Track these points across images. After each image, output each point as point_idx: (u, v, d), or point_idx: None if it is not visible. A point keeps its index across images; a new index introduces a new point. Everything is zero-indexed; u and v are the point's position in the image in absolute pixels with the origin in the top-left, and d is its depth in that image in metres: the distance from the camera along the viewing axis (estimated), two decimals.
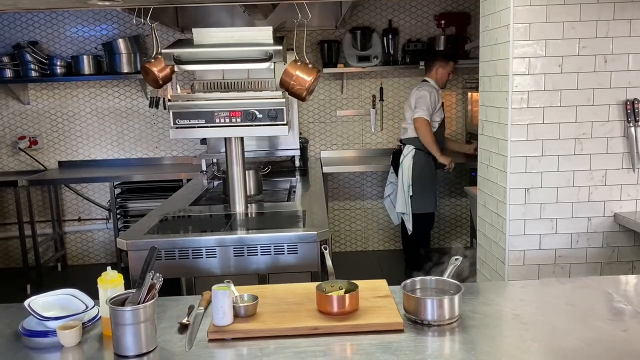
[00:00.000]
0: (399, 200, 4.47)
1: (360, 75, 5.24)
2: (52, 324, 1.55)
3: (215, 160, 4.46)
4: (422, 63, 4.87)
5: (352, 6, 4.43)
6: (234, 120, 2.69)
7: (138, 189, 5.02)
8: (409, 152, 4.40)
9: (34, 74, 4.92)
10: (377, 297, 1.71)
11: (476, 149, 4.12)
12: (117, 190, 5.00)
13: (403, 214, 4.49)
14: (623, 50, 2.63)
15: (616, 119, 2.68)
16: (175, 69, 2.72)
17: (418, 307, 1.57)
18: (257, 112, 2.67)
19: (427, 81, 4.48)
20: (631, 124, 2.67)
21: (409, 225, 4.48)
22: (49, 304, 1.64)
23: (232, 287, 1.63)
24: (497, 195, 2.86)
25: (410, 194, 4.36)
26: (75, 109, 5.25)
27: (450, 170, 4.50)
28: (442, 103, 4.51)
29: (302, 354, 1.42)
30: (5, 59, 4.92)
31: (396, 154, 4.57)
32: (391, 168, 4.67)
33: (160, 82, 2.96)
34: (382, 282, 1.83)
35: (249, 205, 3.05)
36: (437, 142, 4.40)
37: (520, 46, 2.61)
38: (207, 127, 2.70)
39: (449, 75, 4.53)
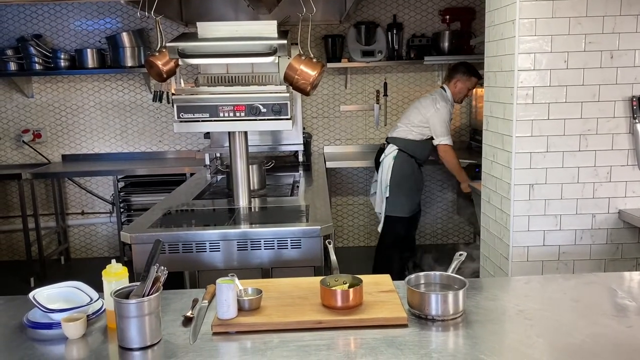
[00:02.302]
0: (377, 200, 4.28)
1: (364, 70, 5.22)
2: (56, 316, 1.55)
3: (218, 155, 4.46)
4: (426, 58, 4.86)
5: (356, 1, 4.42)
6: (237, 114, 2.68)
7: (141, 182, 5.03)
8: (390, 152, 4.17)
9: (37, 67, 4.92)
10: (381, 291, 1.71)
11: (468, 186, 4.07)
12: (121, 184, 5.00)
13: (379, 214, 4.28)
14: (629, 46, 2.61)
15: (622, 115, 2.67)
16: (180, 62, 2.72)
17: (422, 302, 1.57)
18: (261, 107, 2.67)
19: (444, 90, 4.20)
20: (637, 121, 2.65)
21: (379, 227, 4.28)
22: (54, 296, 1.65)
23: (237, 280, 1.63)
24: (501, 191, 2.85)
25: (387, 195, 4.13)
26: (79, 102, 5.26)
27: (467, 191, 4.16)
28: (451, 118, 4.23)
29: (306, 347, 1.42)
30: (9, 52, 4.93)
31: (380, 152, 4.34)
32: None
33: (164, 76, 2.95)
34: (386, 277, 1.83)
35: (252, 199, 3.05)
36: (426, 158, 4.22)
37: (525, 42, 2.60)
38: (211, 121, 2.69)
39: (469, 91, 4.20)
